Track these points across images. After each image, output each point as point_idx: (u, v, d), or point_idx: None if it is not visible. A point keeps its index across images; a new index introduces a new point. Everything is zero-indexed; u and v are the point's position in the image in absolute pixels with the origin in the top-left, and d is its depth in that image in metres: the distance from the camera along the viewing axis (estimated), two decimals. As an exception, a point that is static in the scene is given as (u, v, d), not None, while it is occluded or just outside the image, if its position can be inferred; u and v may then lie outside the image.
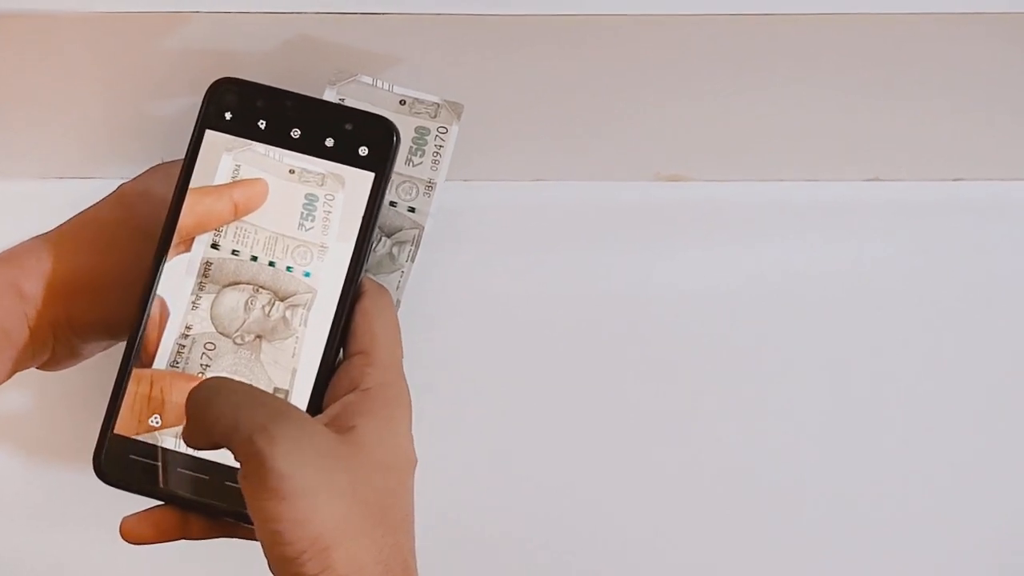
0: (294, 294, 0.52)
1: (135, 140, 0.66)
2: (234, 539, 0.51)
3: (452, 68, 0.61)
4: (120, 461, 0.50)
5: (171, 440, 0.51)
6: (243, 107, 0.52)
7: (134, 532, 0.50)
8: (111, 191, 0.57)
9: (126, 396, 0.51)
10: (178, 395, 0.51)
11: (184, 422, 0.46)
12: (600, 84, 0.63)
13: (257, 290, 0.52)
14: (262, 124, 0.52)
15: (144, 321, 0.51)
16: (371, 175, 0.52)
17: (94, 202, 0.56)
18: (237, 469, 0.45)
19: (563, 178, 0.71)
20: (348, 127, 0.52)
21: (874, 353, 0.71)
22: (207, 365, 0.51)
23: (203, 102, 0.52)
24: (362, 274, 0.52)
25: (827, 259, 0.72)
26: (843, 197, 0.72)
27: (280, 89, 0.52)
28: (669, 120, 0.67)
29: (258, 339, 0.52)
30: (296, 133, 0.52)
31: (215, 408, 0.45)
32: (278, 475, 0.43)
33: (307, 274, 0.52)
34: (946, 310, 0.72)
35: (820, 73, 0.63)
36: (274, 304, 0.52)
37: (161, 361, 0.52)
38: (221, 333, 0.52)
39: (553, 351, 0.70)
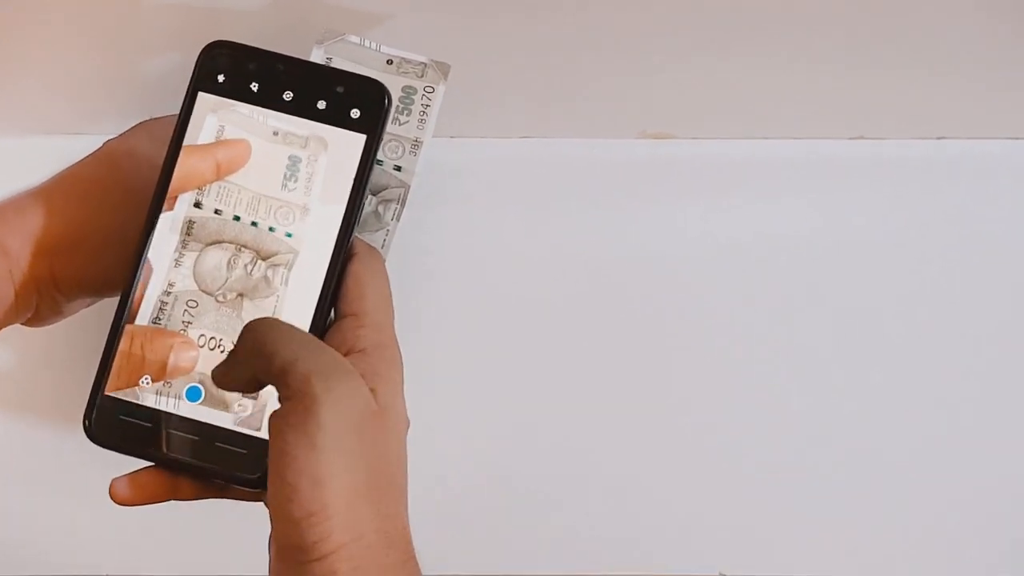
0: (276, 254, 0.52)
1: (122, 96, 0.65)
2: (224, 500, 0.52)
3: (440, 26, 0.60)
4: (110, 422, 0.50)
5: (161, 400, 0.51)
6: (236, 70, 0.52)
7: (123, 493, 0.50)
8: (96, 148, 0.56)
9: (116, 356, 0.51)
10: (159, 352, 0.51)
11: (166, 376, 0.46)
12: (586, 43, 0.63)
13: (240, 249, 0.52)
14: (254, 87, 0.52)
15: (137, 281, 0.51)
16: (363, 137, 0.52)
17: (79, 159, 0.56)
18: (226, 430, 0.44)
19: (550, 135, 0.71)
20: (340, 90, 0.52)
21: (857, 309, 0.71)
22: (189, 322, 0.52)
23: (196, 64, 0.52)
24: (353, 235, 0.52)
25: (812, 216, 0.72)
26: (828, 155, 0.72)
27: (273, 52, 0.52)
28: (655, 78, 0.67)
29: (240, 297, 0.52)
30: (288, 96, 0.52)
31: (275, 341, 0.44)
32: (319, 424, 0.43)
33: (289, 235, 0.52)
34: (929, 266, 0.72)
35: (805, 32, 0.63)
36: (256, 263, 0.52)
37: (144, 317, 0.52)
38: (203, 291, 0.52)
39: (539, 307, 0.71)
